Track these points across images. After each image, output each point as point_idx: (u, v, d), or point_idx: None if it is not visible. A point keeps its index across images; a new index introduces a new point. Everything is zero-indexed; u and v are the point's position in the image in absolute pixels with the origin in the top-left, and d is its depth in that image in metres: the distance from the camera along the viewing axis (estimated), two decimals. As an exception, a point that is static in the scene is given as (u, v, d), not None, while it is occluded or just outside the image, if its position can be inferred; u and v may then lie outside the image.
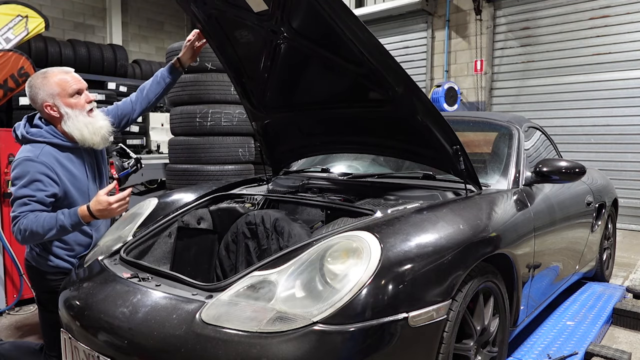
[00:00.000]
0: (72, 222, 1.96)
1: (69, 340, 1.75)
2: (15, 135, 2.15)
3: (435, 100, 7.49)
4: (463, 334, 1.79)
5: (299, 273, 1.51)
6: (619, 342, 2.96)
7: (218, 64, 4.42)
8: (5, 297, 3.49)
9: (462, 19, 8.06)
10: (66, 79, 2.06)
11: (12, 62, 3.51)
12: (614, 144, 6.75)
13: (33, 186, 1.97)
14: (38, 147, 2.05)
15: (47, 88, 2.04)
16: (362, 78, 2.06)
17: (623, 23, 6.60)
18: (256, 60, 2.29)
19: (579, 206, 3.02)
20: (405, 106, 2.06)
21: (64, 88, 2.05)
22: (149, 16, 11.91)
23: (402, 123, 2.19)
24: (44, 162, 2.01)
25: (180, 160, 4.58)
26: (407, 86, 1.94)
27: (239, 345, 1.35)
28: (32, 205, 1.96)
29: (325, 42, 1.99)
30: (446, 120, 2.03)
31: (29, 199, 1.96)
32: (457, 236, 1.73)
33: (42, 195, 1.98)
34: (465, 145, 2.13)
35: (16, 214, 1.96)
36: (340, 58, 2.01)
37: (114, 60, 7.84)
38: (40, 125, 2.09)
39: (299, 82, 2.35)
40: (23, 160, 2.00)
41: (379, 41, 1.85)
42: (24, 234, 1.94)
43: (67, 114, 2.06)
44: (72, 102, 2.06)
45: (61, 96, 2.05)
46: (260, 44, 2.18)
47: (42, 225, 1.93)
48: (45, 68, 2.13)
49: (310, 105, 2.46)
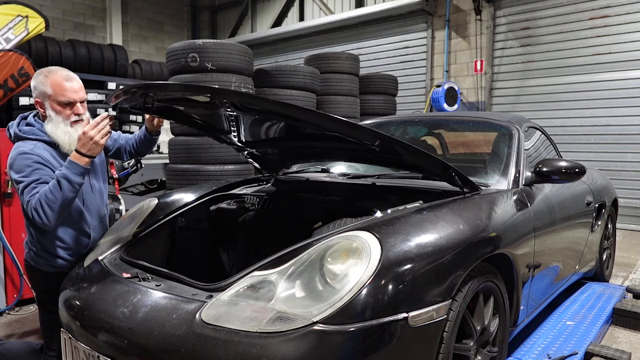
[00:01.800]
0: (70, 169, 1.90)
1: (69, 340, 1.75)
2: (8, 134, 2.14)
3: (435, 100, 7.49)
4: (463, 333, 1.79)
5: (299, 273, 1.51)
6: (619, 342, 2.96)
7: (218, 63, 4.43)
8: (5, 297, 3.49)
9: (462, 19, 8.07)
10: (63, 86, 2.04)
11: (13, 62, 3.51)
12: (614, 144, 6.75)
13: (36, 173, 1.96)
14: (31, 143, 2.05)
15: (43, 86, 2.04)
16: (330, 136, 2.01)
17: (623, 23, 6.60)
18: (219, 120, 2.26)
19: (578, 206, 3.02)
20: (388, 152, 2.04)
21: (57, 93, 2.04)
22: (149, 16, 11.91)
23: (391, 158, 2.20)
24: (39, 154, 2.00)
25: (180, 160, 4.58)
26: (382, 140, 1.86)
27: (239, 345, 1.35)
28: (39, 187, 1.93)
29: (274, 117, 1.97)
30: (432, 155, 2.02)
31: (35, 182, 1.94)
32: (457, 236, 1.73)
33: (47, 177, 1.96)
34: (465, 145, 2.13)
35: (27, 198, 1.92)
36: (299, 124, 1.97)
37: (114, 60, 7.83)
38: (34, 124, 2.10)
39: (270, 129, 2.28)
40: (18, 154, 1.99)
41: (328, 118, 1.73)
42: (41, 211, 1.89)
43: (50, 117, 2.06)
44: (57, 108, 2.06)
45: (51, 99, 2.04)
46: (217, 112, 2.13)
47: (49, 190, 1.89)
48: (52, 67, 2.11)
49: (290, 142, 2.41)
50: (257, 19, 11.77)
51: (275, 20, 11.15)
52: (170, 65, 4.60)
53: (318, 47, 9.70)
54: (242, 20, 12.06)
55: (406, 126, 3.33)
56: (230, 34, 12.18)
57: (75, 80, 2.09)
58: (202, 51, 4.39)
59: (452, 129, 3.32)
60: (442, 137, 3.35)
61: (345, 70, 6.06)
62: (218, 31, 12.72)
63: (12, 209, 3.49)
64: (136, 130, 2.63)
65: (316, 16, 10.38)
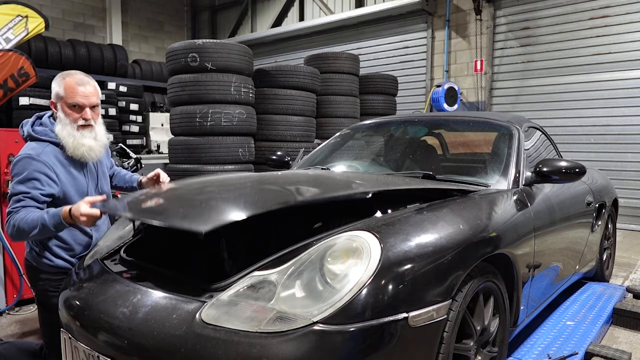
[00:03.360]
0: (54, 221, 1.94)
1: (69, 340, 1.75)
2: (22, 131, 2.18)
3: (435, 100, 7.49)
4: (463, 334, 1.79)
5: (299, 273, 1.51)
6: (619, 342, 2.96)
7: (218, 63, 4.43)
8: (5, 297, 3.49)
9: (462, 19, 8.07)
10: (75, 89, 2.08)
11: (12, 62, 3.51)
12: (614, 144, 6.75)
13: (30, 184, 1.99)
14: (41, 145, 2.09)
15: (57, 88, 2.11)
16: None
17: (623, 23, 6.60)
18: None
19: (579, 206, 3.02)
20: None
21: (67, 96, 2.09)
22: (149, 16, 11.92)
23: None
24: (44, 162, 2.03)
25: (180, 160, 4.58)
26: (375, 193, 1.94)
27: (239, 345, 1.35)
28: (26, 202, 1.98)
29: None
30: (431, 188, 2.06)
31: (24, 195, 1.98)
32: (457, 236, 1.73)
33: (37, 193, 1.99)
34: (466, 145, 2.13)
35: (10, 209, 1.99)
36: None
37: (114, 60, 7.84)
38: (47, 124, 2.15)
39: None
40: (24, 158, 2.03)
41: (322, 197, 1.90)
42: (13, 230, 1.96)
43: (60, 118, 2.11)
44: (67, 110, 2.11)
45: (62, 101, 2.10)
46: None
47: (27, 222, 1.94)
48: (72, 71, 2.18)
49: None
50: (257, 19, 11.77)
51: (275, 20, 11.15)
52: (170, 65, 4.60)
53: (318, 47, 9.70)
54: (242, 20, 12.07)
55: (406, 126, 3.33)
56: (230, 34, 12.18)
57: (89, 85, 2.12)
58: (202, 51, 4.39)
59: (452, 129, 3.32)
60: (442, 137, 3.35)
61: (345, 70, 6.07)
62: (218, 31, 12.72)
63: (12, 209, 3.48)
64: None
65: (316, 16, 10.38)
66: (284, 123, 5.16)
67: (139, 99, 7.45)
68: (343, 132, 3.43)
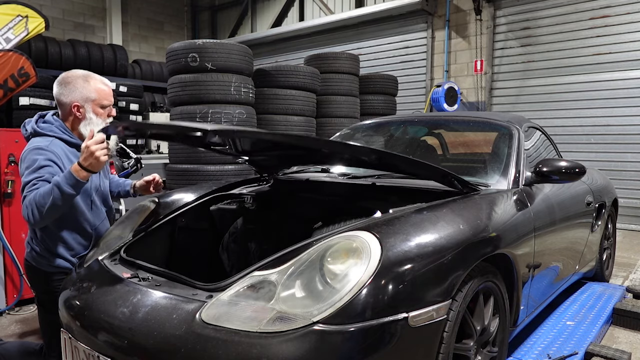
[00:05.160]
0: (67, 180, 1.91)
1: (69, 340, 1.75)
2: (24, 130, 2.19)
3: (435, 100, 7.49)
4: (463, 334, 1.79)
5: (299, 273, 1.51)
6: (619, 342, 2.96)
7: (218, 63, 4.43)
8: (5, 297, 3.49)
9: (462, 19, 8.07)
10: (106, 92, 2.21)
11: (12, 62, 3.51)
12: (614, 144, 6.75)
13: (42, 170, 1.99)
14: (47, 139, 2.11)
15: (85, 91, 2.15)
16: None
17: (623, 23, 6.60)
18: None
19: (579, 206, 3.02)
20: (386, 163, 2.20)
21: (102, 96, 2.19)
22: (149, 16, 11.92)
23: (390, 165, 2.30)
24: (53, 151, 2.06)
25: (180, 160, 4.58)
26: (379, 155, 2.06)
27: (239, 345, 1.35)
28: (39, 184, 1.95)
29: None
30: (429, 164, 2.05)
31: (37, 179, 1.97)
32: (457, 236, 1.73)
33: (49, 176, 1.98)
34: (466, 145, 2.13)
35: (24, 194, 1.96)
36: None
37: (114, 60, 7.84)
38: (52, 121, 2.17)
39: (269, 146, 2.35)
40: (33, 149, 2.04)
41: (325, 142, 2.03)
42: (28, 210, 1.92)
43: (91, 119, 2.18)
44: (99, 111, 2.21)
45: (95, 103, 2.18)
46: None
47: (41, 193, 1.91)
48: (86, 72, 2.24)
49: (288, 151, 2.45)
50: (257, 19, 11.77)
51: (275, 20, 11.15)
52: (170, 65, 4.60)
53: (318, 47, 9.70)
54: (242, 20, 12.07)
55: (406, 126, 3.33)
56: (230, 34, 12.19)
57: (108, 83, 2.28)
58: (202, 51, 4.39)
59: (452, 129, 3.32)
60: (442, 137, 3.35)
61: (345, 70, 6.06)
62: (218, 31, 12.72)
63: (12, 209, 3.49)
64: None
65: (316, 16, 10.38)
66: (284, 123, 5.17)
67: (139, 99, 7.44)
68: (343, 132, 3.43)
